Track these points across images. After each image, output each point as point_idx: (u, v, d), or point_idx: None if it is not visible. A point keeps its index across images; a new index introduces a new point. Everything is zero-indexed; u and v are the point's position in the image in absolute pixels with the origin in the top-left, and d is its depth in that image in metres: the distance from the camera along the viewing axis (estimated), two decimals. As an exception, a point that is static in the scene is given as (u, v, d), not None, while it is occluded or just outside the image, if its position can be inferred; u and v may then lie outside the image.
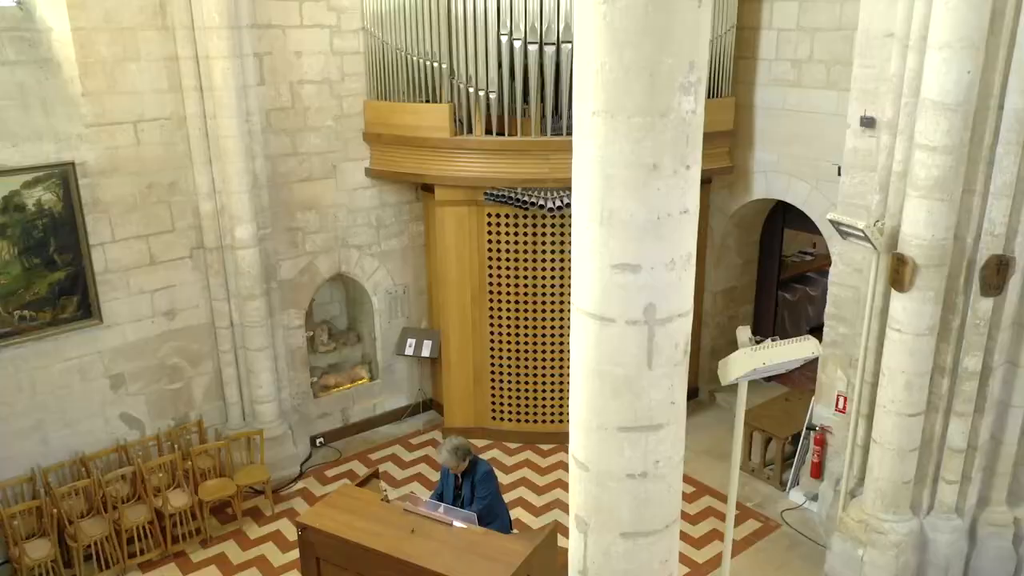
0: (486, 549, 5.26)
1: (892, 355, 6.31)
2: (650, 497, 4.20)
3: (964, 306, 6.21)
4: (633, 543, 4.28)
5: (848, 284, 7.28)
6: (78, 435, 7.58)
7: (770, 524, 7.87)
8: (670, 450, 4.19)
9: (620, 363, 3.97)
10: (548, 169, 8.21)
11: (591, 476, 4.25)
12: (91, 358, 7.53)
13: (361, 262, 9.19)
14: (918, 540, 6.71)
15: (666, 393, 4.06)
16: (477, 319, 9.05)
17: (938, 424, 6.52)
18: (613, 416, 4.07)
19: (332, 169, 8.69)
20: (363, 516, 5.57)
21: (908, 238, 6.04)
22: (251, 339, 8.25)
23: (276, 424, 8.56)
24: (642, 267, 3.81)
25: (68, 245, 7.17)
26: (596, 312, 3.96)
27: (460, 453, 6.26)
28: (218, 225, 7.92)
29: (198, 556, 7.51)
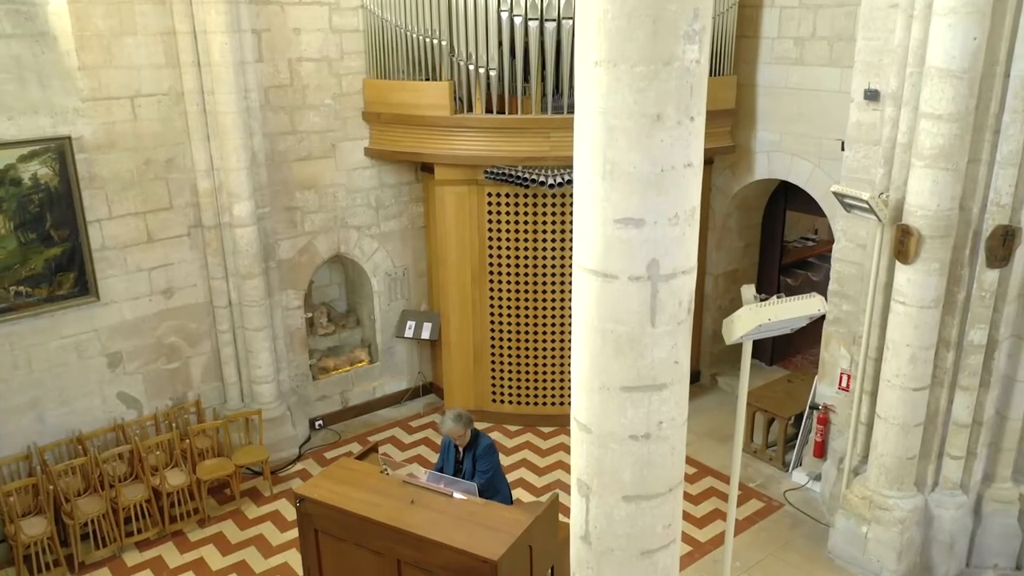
0: (486, 519, 5.19)
1: (897, 328, 6.25)
2: (653, 459, 4.14)
3: (969, 278, 6.15)
4: (636, 506, 4.22)
5: (851, 260, 7.21)
6: (75, 414, 7.51)
7: (772, 504, 7.81)
8: (673, 411, 4.12)
9: (622, 321, 3.91)
10: (549, 147, 8.15)
11: (593, 438, 4.19)
12: (88, 336, 7.47)
13: (360, 243, 9.12)
14: (922, 517, 6.65)
15: (669, 352, 4.00)
16: (477, 300, 8.99)
17: (943, 399, 6.46)
18: (615, 376, 4.01)
19: (331, 148, 8.63)
20: (362, 488, 5.51)
21: (913, 209, 5.98)
22: (250, 319, 8.18)
23: (275, 405, 8.50)
24: (645, 221, 3.74)
25: (64, 221, 7.10)
26: (598, 269, 3.89)
27: (464, 420, 6.19)
28: (216, 203, 7.86)
29: (196, 535, 7.45)
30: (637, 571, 4.34)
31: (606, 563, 4.35)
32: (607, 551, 4.33)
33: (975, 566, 6.84)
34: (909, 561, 6.67)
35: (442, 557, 4.95)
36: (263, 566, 7.03)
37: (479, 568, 4.81)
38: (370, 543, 5.23)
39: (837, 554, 6.96)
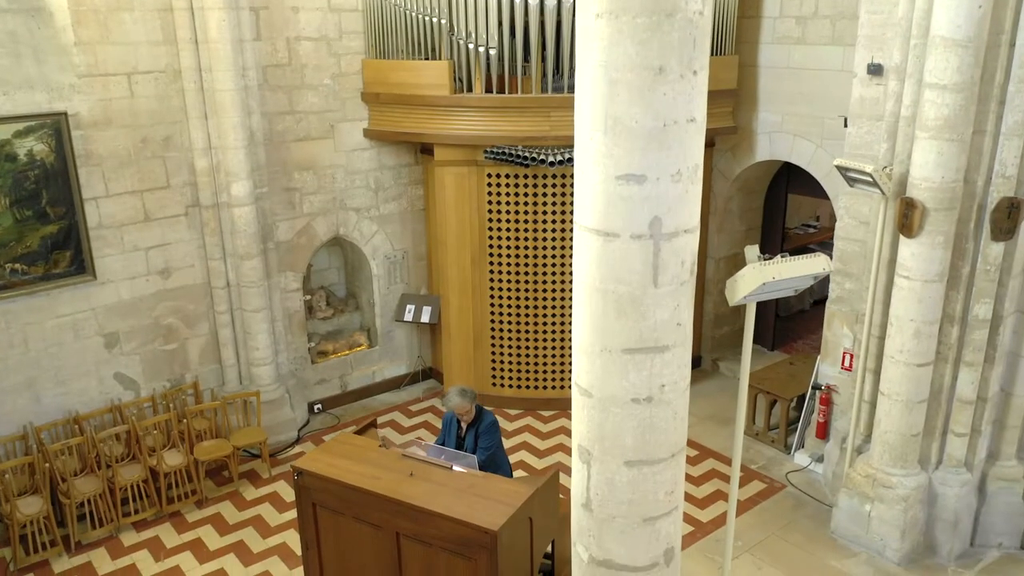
0: (486, 491, 5.13)
1: (900, 303, 6.19)
2: (655, 423, 4.08)
3: (974, 252, 6.09)
4: (638, 472, 4.16)
5: (854, 238, 7.15)
6: (71, 394, 7.45)
7: (775, 485, 7.75)
8: (676, 374, 4.06)
9: (624, 281, 3.85)
10: (549, 127, 8.08)
11: (594, 402, 4.13)
12: (84, 315, 7.41)
13: (360, 225, 9.06)
14: (926, 495, 6.59)
15: (672, 313, 3.94)
16: (477, 282, 8.93)
17: (947, 375, 6.40)
18: (617, 338, 3.95)
19: (330, 129, 8.56)
20: (360, 461, 5.45)
21: (917, 181, 5.92)
22: (248, 300, 8.12)
23: (273, 388, 8.44)
24: (647, 178, 3.69)
25: (61, 198, 7.04)
26: (599, 227, 3.83)
27: (469, 395, 6.13)
28: (214, 182, 7.79)
29: (193, 516, 7.39)
30: (639, 539, 4.28)
31: (607, 531, 4.29)
32: (608, 518, 4.28)
33: (979, 545, 6.79)
34: (913, 540, 6.62)
35: (441, 528, 4.89)
36: (261, 546, 6.97)
37: (479, 539, 4.75)
38: (368, 516, 5.17)
39: (840, 533, 6.91)
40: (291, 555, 6.79)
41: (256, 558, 6.81)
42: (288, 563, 6.72)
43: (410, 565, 5.13)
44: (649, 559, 4.34)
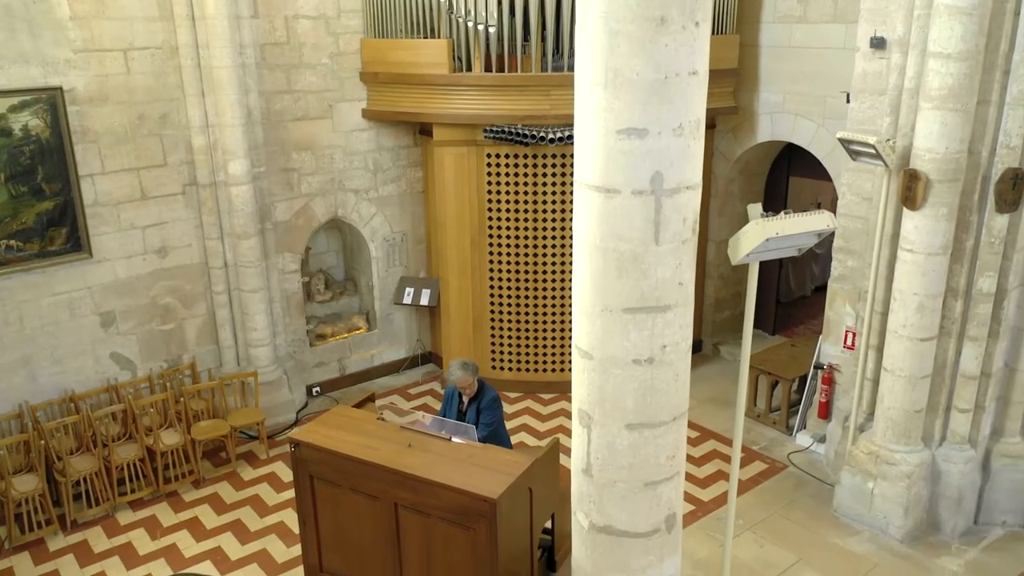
0: (485, 460, 5.07)
1: (904, 277, 6.13)
2: (656, 385, 4.03)
3: (978, 224, 6.03)
4: (639, 435, 4.10)
5: (856, 215, 7.08)
6: (67, 373, 7.40)
7: (776, 466, 7.69)
8: (678, 335, 4.00)
9: (625, 238, 3.79)
10: (549, 105, 8.02)
11: (595, 364, 4.07)
12: (80, 293, 7.35)
13: (358, 207, 9.00)
14: (929, 472, 6.53)
15: (674, 272, 3.88)
16: (477, 264, 8.87)
17: (951, 350, 6.33)
18: (618, 297, 3.89)
19: (328, 109, 8.50)
20: (358, 433, 5.39)
21: (921, 152, 5.85)
22: (245, 280, 8.07)
23: (271, 369, 8.38)
24: (649, 131, 3.63)
25: (56, 174, 6.98)
26: (599, 184, 3.78)
27: (471, 368, 6.08)
28: (211, 160, 7.73)
29: (190, 496, 7.33)
30: (640, 504, 4.22)
31: (608, 496, 4.24)
32: (609, 483, 4.22)
33: (983, 523, 6.73)
34: (916, 517, 6.56)
35: (440, 498, 4.84)
36: (259, 524, 6.91)
37: (478, 507, 4.69)
38: (366, 487, 5.11)
39: (843, 512, 6.85)
40: (289, 533, 6.73)
41: (253, 536, 6.75)
42: (286, 541, 6.66)
43: (408, 536, 5.08)
44: (650, 525, 4.28)
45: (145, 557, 6.51)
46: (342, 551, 5.41)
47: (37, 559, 6.49)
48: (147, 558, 6.50)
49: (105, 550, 6.60)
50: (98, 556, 6.52)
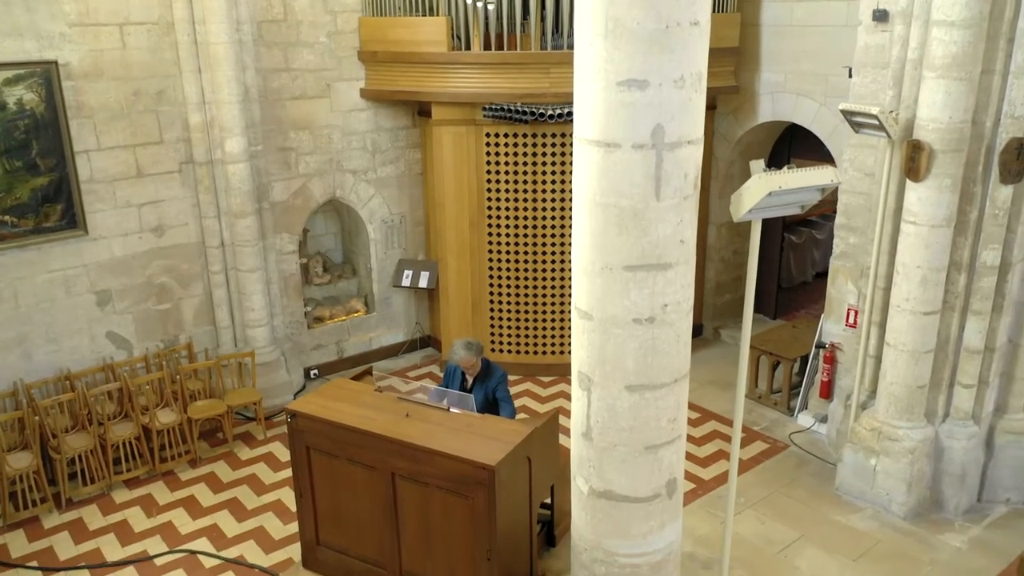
0: (484, 429, 5.01)
1: (907, 250, 6.07)
2: (657, 345, 3.97)
3: (982, 196, 5.96)
4: (640, 397, 4.04)
5: (859, 191, 7.01)
6: (63, 352, 7.33)
7: (777, 445, 7.63)
8: (679, 293, 3.95)
9: (626, 194, 3.74)
10: (548, 83, 7.95)
11: (594, 325, 4.02)
12: (76, 271, 7.29)
13: (356, 188, 8.93)
14: (933, 448, 6.47)
15: (675, 229, 3.82)
16: (476, 245, 8.80)
17: (954, 325, 6.27)
18: (618, 255, 3.83)
19: (326, 88, 8.43)
20: (356, 404, 5.33)
21: (924, 123, 5.79)
22: (242, 259, 8.00)
23: (269, 350, 8.32)
24: (650, 83, 3.57)
25: (51, 149, 6.91)
26: (599, 138, 3.72)
27: (475, 348, 6.03)
28: (208, 138, 7.67)
29: (187, 475, 7.26)
30: (640, 468, 4.17)
31: (608, 460, 4.18)
32: (609, 447, 4.16)
33: (987, 500, 6.67)
34: (919, 494, 6.50)
35: (437, 466, 4.77)
36: (256, 503, 6.85)
37: (476, 475, 4.63)
38: (363, 457, 5.05)
39: (845, 490, 6.78)
40: (286, 512, 6.66)
41: (250, 514, 6.69)
42: (283, 519, 6.59)
43: (406, 507, 5.02)
44: (651, 490, 4.22)
45: (141, 534, 6.44)
46: (339, 523, 5.35)
47: (31, 536, 6.43)
48: (143, 535, 6.43)
49: (100, 527, 6.53)
50: (93, 533, 6.46)
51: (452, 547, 4.95)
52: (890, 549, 6.12)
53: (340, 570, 5.46)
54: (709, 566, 5.88)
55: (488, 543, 4.75)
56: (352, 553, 5.38)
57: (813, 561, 6.00)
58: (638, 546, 4.30)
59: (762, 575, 5.85)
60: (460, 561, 4.95)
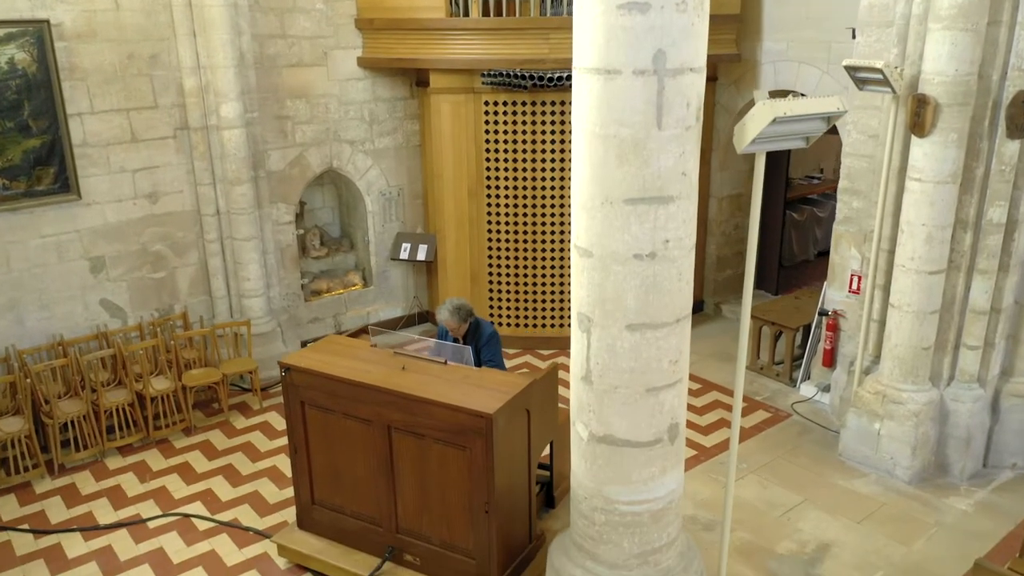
0: (482, 381, 4.91)
1: (912, 208, 5.98)
2: (659, 283, 3.87)
3: (988, 151, 5.86)
4: (640, 336, 3.95)
5: (862, 154, 6.91)
6: (56, 319, 7.24)
7: (780, 415, 7.53)
8: (681, 229, 3.85)
9: (626, 123, 3.64)
10: (548, 49, 7.86)
11: (594, 262, 3.92)
12: (69, 236, 7.19)
13: (354, 159, 8.83)
14: (938, 412, 6.37)
15: (677, 160, 3.72)
16: (475, 216, 8.71)
17: (960, 285, 6.17)
18: (618, 187, 3.74)
19: (323, 56, 8.34)
20: (351, 358, 5.22)
21: (929, 76, 5.70)
22: (238, 228, 7.90)
23: (265, 320, 8.22)
24: (651, 6, 3.47)
25: (44, 111, 6.82)
26: (599, 65, 3.62)
27: (462, 313, 5.90)
28: (203, 103, 7.57)
29: (181, 443, 7.17)
30: (641, 410, 4.07)
31: (608, 403, 4.08)
32: (609, 389, 4.06)
33: (992, 466, 6.57)
34: (923, 459, 6.40)
35: (434, 417, 4.67)
36: (251, 469, 6.75)
37: (473, 424, 4.53)
38: (359, 411, 4.94)
39: (848, 455, 6.69)
40: (281, 477, 6.57)
41: (245, 479, 6.60)
42: (279, 484, 6.50)
43: (402, 461, 4.92)
44: (652, 434, 4.12)
45: (134, 499, 6.35)
46: (335, 481, 5.25)
47: (23, 500, 6.33)
48: (136, 499, 6.34)
49: (92, 492, 6.44)
50: (85, 498, 6.36)
51: (449, 501, 4.85)
52: (894, 512, 6.02)
53: (335, 529, 5.36)
54: (711, 528, 5.78)
55: (486, 495, 4.65)
56: (348, 511, 5.28)
57: (817, 523, 5.90)
58: (639, 493, 4.20)
59: (765, 536, 5.75)
60: (457, 516, 4.85)
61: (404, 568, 5.13)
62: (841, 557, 5.54)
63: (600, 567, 4.37)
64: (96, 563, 5.60)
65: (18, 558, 5.66)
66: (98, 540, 5.85)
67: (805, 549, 5.63)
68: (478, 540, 4.82)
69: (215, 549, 5.74)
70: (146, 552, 5.72)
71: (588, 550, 4.40)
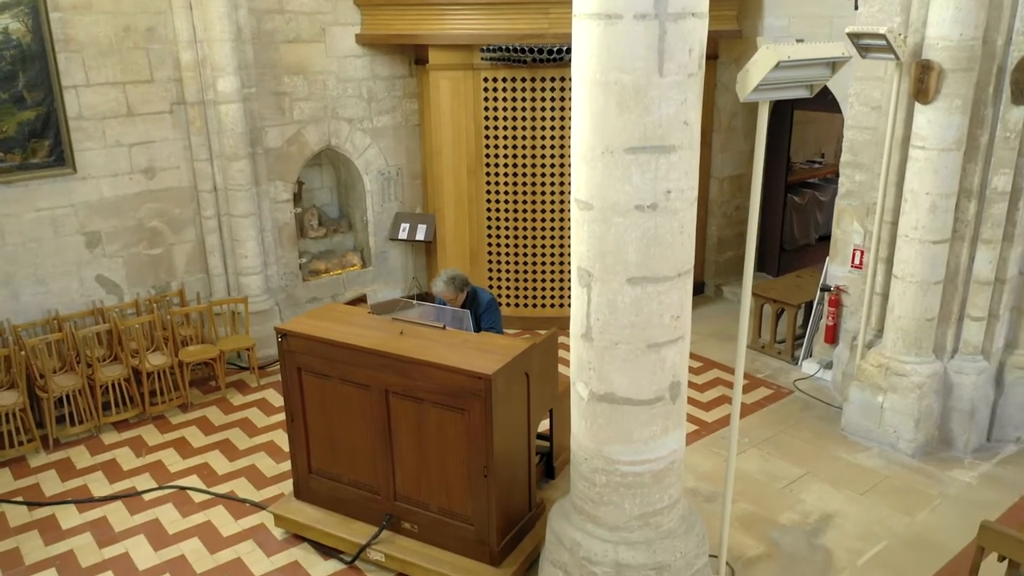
0: (481, 344, 4.85)
1: (915, 176, 5.91)
2: (660, 235, 3.80)
3: (993, 118, 5.80)
4: (642, 291, 3.88)
5: (865, 126, 6.85)
6: (51, 294, 7.17)
7: (781, 391, 7.47)
8: (682, 180, 3.79)
9: (627, 69, 3.57)
10: (548, 24, 7.80)
11: (595, 215, 3.85)
12: (65, 211, 7.12)
13: (352, 137, 8.76)
14: (941, 385, 6.31)
15: (678, 108, 3.66)
16: (474, 194, 8.64)
17: (964, 255, 6.11)
18: (619, 136, 3.67)
19: (321, 32, 8.27)
20: (348, 323, 5.16)
21: (933, 41, 5.63)
22: (235, 204, 7.84)
23: (263, 299, 8.15)
24: (652, -53, 3.41)
25: (38, 82, 6.75)
26: (599, 10, 3.55)
27: (457, 282, 5.85)
28: (199, 77, 7.49)
29: (178, 419, 7.10)
30: (643, 367, 4.00)
31: (609, 360, 4.01)
32: (610, 345, 4.00)
33: (996, 440, 6.51)
34: (927, 432, 6.34)
35: (433, 380, 4.61)
36: (248, 443, 6.69)
37: (472, 386, 4.46)
38: (356, 376, 4.88)
39: (851, 430, 6.63)
40: (279, 452, 6.51)
41: (242, 454, 6.53)
42: (276, 458, 6.44)
43: (400, 426, 4.85)
44: (654, 392, 4.06)
45: (129, 472, 6.28)
46: (332, 449, 5.18)
47: (17, 474, 6.26)
48: (131, 473, 6.27)
49: (88, 466, 6.37)
50: (80, 472, 6.30)
51: (448, 467, 4.78)
52: (898, 484, 5.96)
53: (333, 499, 5.30)
54: (712, 499, 5.72)
55: (485, 459, 4.59)
56: (345, 480, 5.21)
57: (819, 495, 5.84)
58: (640, 452, 4.13)
59: (767, 507, 5.69)
60: (456, 482, 4.79)
61: (402, 536, 5.07)
62: (844, 527, 5.48)
63: (600, 530, 4.31)
64: (91, 534, 5.54)
65: (12, 529, 5.60)
66: (93, 512, 5.79)
67: (808, 519, 5.57)
68: (477, 506, 4.76)
69: (211, 520, 5.67)
70: (141, 523, 5.65)
71: (588, 513, 4.34)
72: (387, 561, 5.02)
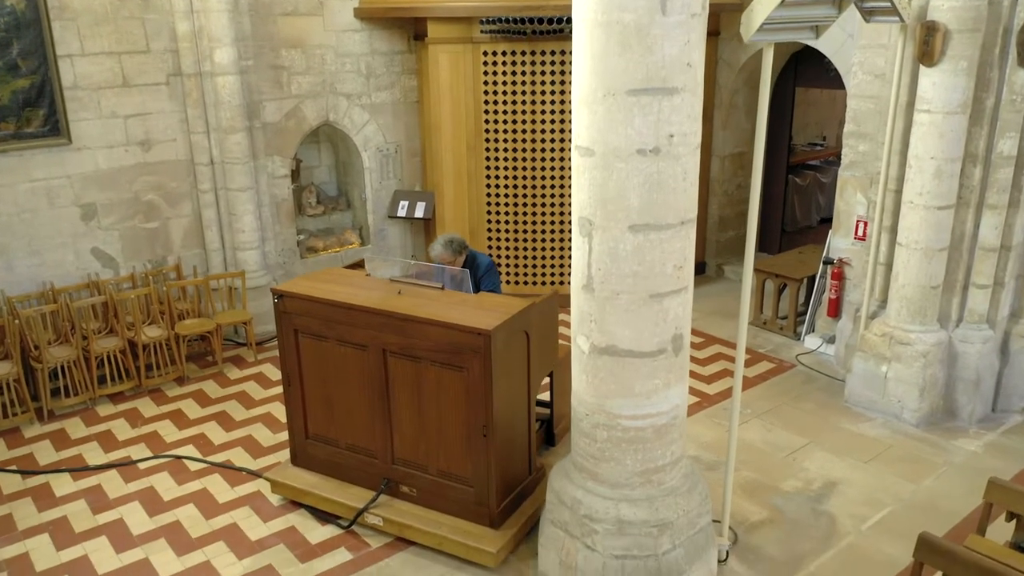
0: (480, 303, 4.77)
1: (920, 141, 5.84)
2: (663, 181, 3.73)
3: (999, 81, 5.72)
4: (644, 238, 3.81)
5: (868, 95, 6.78)
6: (46, 266, 7.09)
7: (784, 365, 7.40)
8: (686, 124, 3.71)
9: (629, 8, 3.50)
10: (548, -5, 7.72)
11: (596, 161, 3.78)
12: (59, 182, 7.04)
13: (350, 113, 8.69)
14: (946, 354, 6.24)
15: (682, 49, 3.58)
16: (473, 170, 8.57)
17: (969, 221, 6.04)
18: (621, 77, 3.60)
19: (319, 5, 8.18)
20: (346, 284, 5.09)
21: (939, 2, 5.57)
22: (232, 178, 7.76)
23: (260, 274, 8.08)
24: None
25: (33, 50, 6.67)
26: (602, -53, 3.48)
27: (455, 245, 5.77)
28: (196, 48, 7.41)
29: (174, 392, 7.04)
30: (645, 318, 3.93)
31: (610, 310, 3.94)
32: (612, 296, 3.92)
33: (1001, 410, 6.45)
34: (931, 402, 6.27)
35: (431, 338, 4.53)
36: (244, 415, 6.62)
37: (471, 343, 4.39)
38: (353, 337, 4.80)
39: (854, 401, 6.56)
40: (276, 422, 6.44)
41: (238, 425, 6.47)
42: (272, 429, 6.38)
43: (398, 387, 4.78)
44: (656, 344, 3.98)
45: (124, 442, 6.21)
46: (329, 412, 5.11)
47: (11, 444, 6.20)
48: (126, 443, 6.20)
49: (82, 436, 6.31)
50: (75, 442, 6.23)
51: (446, 428, 4.71)
52: (903, 453, 5.89)
53: (330, 464, 5.23)
54: (714, 468, 5.65)
55: (484, 418, 4.52)
56: (342, 444, 5.14)
57: (823, 463, 5.77)
58: (642, 406, 4.06)
59: (770, 475, 5.62)
60: (455, 443, 4.71)
61: (401, 500, 5.00)
62: (848, 494, 5.41)
63: (602, 487, 4.24)
64: (85, 501, 5.47)
65: (5, 496, 5.53)
66: (87, 480, 5.72)
67: (811, 487, 5.50)
68: (476, 467, 4.68)
69: (207, 488, 5.61)
70: (136, 491, 5.58)
71: (589, 470, 4.27)
72: (385, 525, 4.95)
